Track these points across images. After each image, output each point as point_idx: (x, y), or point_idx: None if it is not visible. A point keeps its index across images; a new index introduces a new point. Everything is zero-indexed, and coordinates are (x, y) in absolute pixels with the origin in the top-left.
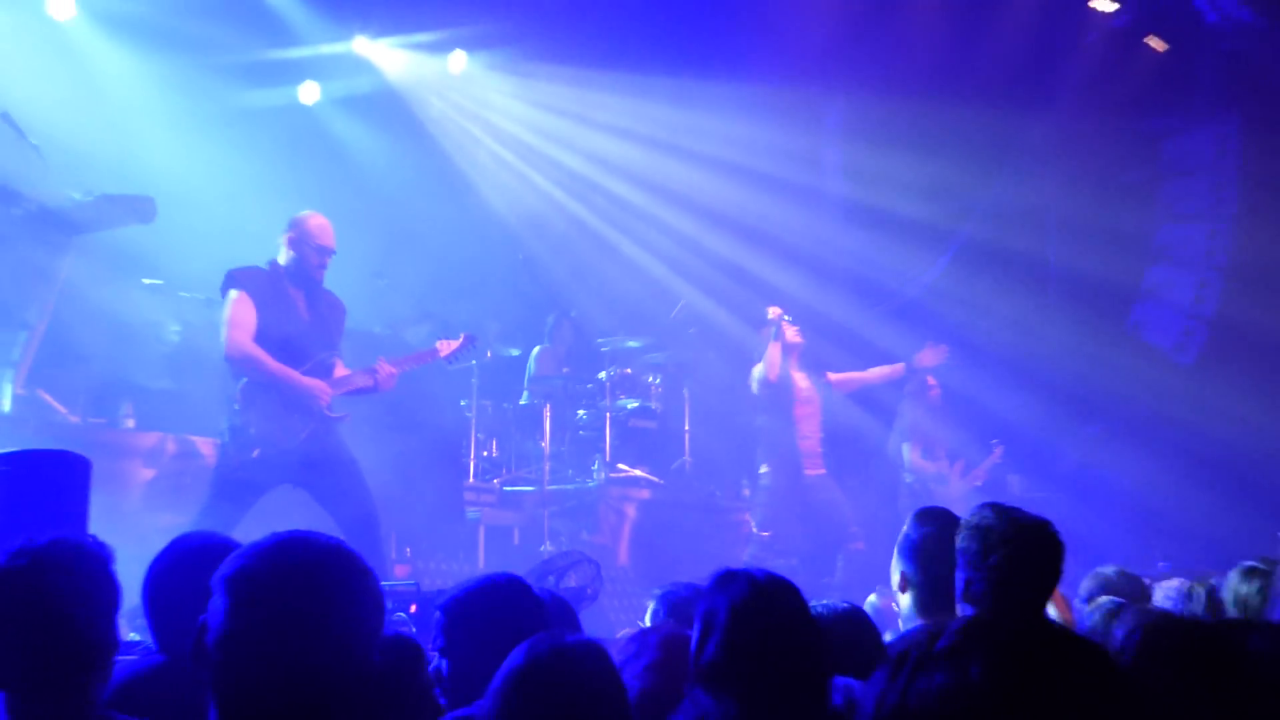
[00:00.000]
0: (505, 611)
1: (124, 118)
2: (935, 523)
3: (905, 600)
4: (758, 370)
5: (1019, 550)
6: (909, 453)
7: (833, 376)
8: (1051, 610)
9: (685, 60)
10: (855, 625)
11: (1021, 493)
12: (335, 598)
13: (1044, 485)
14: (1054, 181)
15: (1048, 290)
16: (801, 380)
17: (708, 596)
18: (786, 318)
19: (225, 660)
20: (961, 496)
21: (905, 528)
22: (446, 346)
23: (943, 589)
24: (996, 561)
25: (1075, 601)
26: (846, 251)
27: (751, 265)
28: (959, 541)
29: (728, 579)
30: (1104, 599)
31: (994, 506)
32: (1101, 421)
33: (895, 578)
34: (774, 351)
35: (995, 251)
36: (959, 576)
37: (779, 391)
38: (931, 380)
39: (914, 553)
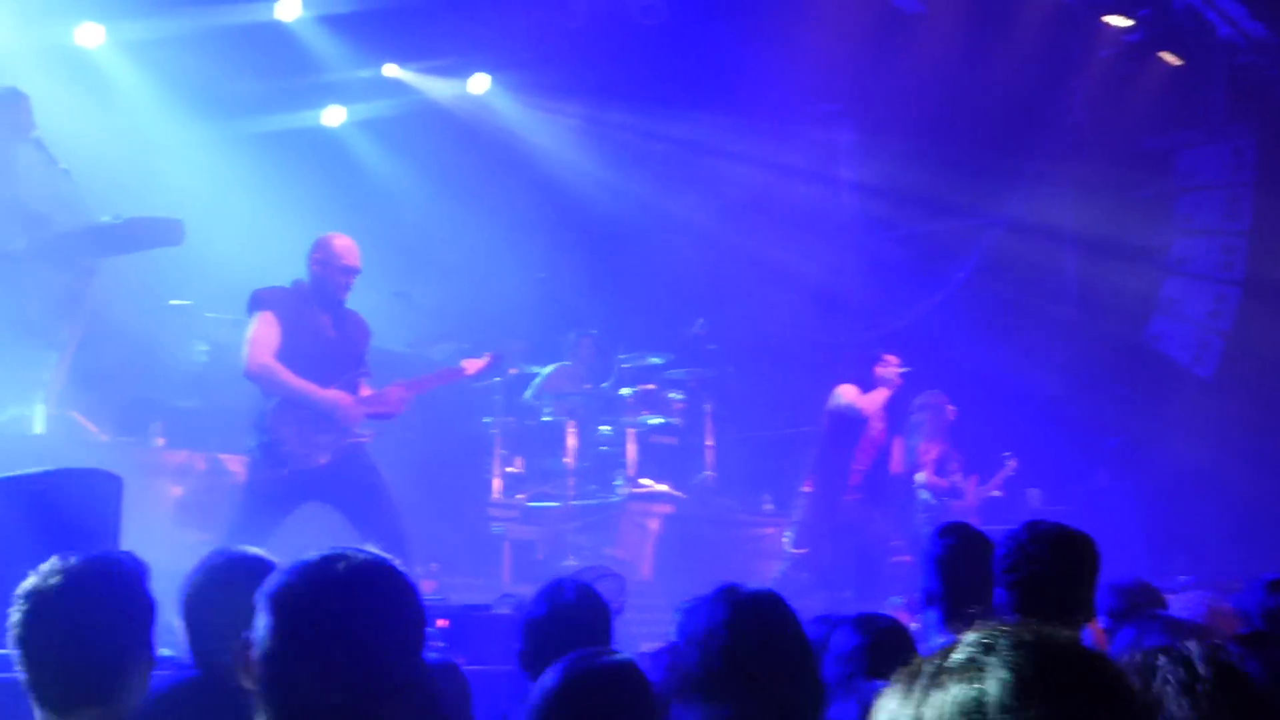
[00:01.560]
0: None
1: (151, 142)
2: (955, 535)
3: (930, 616)
4: (850, 399)
5: (1051, 564)
6: (922, 470)
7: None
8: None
9: (698, 82)
10: (897, 638)
11: (1041, 506)
12: (379, 613)
13: (1063, 498)
14: (1069, 196)
15: (1065, 304)
16: (878, 422)
17: (696, 610)
18: (901, 369)
19: (271, 676)
20: (978, 510)
21: (926, 543)
22: (472, 364)
23: (968, 601)
24: (1027, 575)
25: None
26: (861, 269)
27: (765, 282)
28: (995, 556)
29: (719, 594)
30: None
31: (1030, 522)
32: (1120, 434)
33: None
34: (880, 397)
35: (1011, 266)
36: (997, 592)
37: (856, 425)
38: (945, 399)
39: (937, 566)
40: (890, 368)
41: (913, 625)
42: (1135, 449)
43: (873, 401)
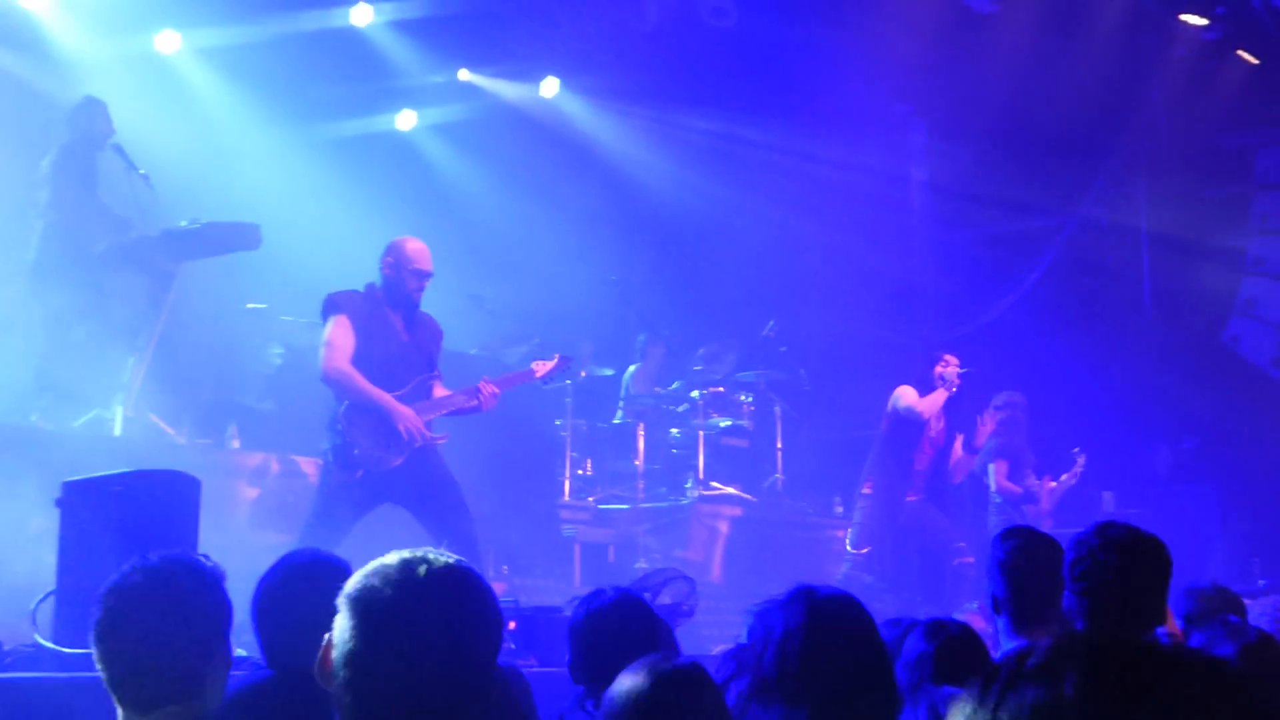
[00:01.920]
0: (629, 629)
1: (228, 147)
2: (1018, 539)
3: (999, 622)
4: (909, 401)
5: (1121, 568)
6: (994, 474)
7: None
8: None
9: (769, 84)
10: (967, 644)
11: (1115, 508)
12: (458, 614)
13: (1137, 501)
14: (1145, 196)
15: (1140, 305)
16: (937, 422)
17: (769, 612)
18: (960, 370)
19: (350, 677)
20: (1051, 514)
21: (990, 549)
22: (542, 367)
23: (1035, 605)
24: (1098, 580)
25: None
26: (934, 269)
27: (837, 284)
28: (1064, 559)
29: (794, 595)
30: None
31: (1101, 523)
32: (1197, 436)
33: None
34: (939, 398)
35: (1087, 267)
36: (1066, 596)
37: (916, 427)
38: (1022, 402)
39: (1002, 572)
40: (950, 368)
41: (988, 630)
42: (1213, 451)
43: (932, 403)
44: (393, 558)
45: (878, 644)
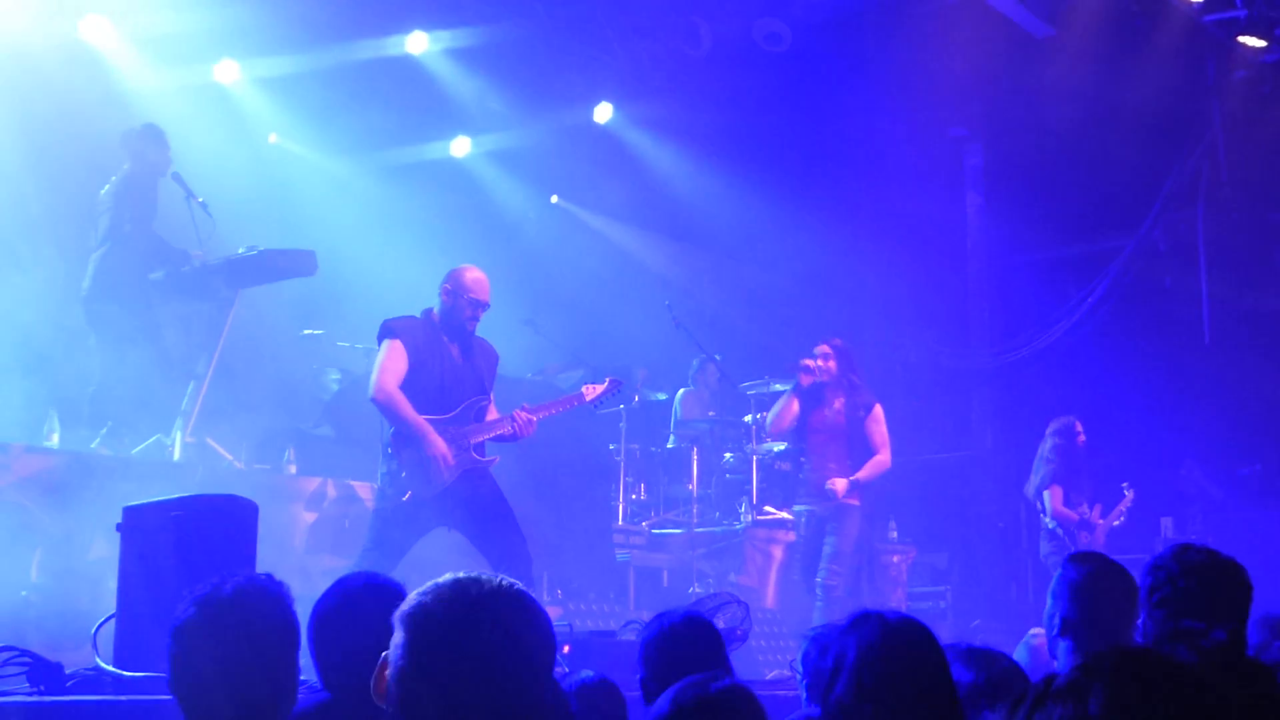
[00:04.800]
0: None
1: (285, 175)
2: (1094, 562)
3: (1061, 645)
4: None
5: (1199, 591)
6: (1050, 499)
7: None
8: None
9: (824, 107)
10: (1008, 676)
11: (1173, 534)
12: (509, 633)
13: (1197, 528)
14: (1204, 219)
15: (1200, 329)
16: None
17: (840, 637)
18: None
19: (404, 695)
20: (1104, 543)
21: (1060, 570)
22: (592, 391)
23: (1104, 631)
24: (1175, 603)
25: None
26: (991, 293)
27: (892, 307)
28: (1140, 583)
29: (861, 620)
30: None
31: (1178, 546)
32: (1258, 461)
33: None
34: (784, 401)
35: (1145, 291)
36: (1142, 619)
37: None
38: (1079, 427)
39: (1074, 594)
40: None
41: (1049, 654)
42: (1274, 476)
43: (777, 410)
44: (446, 578)
45: (944, 667)
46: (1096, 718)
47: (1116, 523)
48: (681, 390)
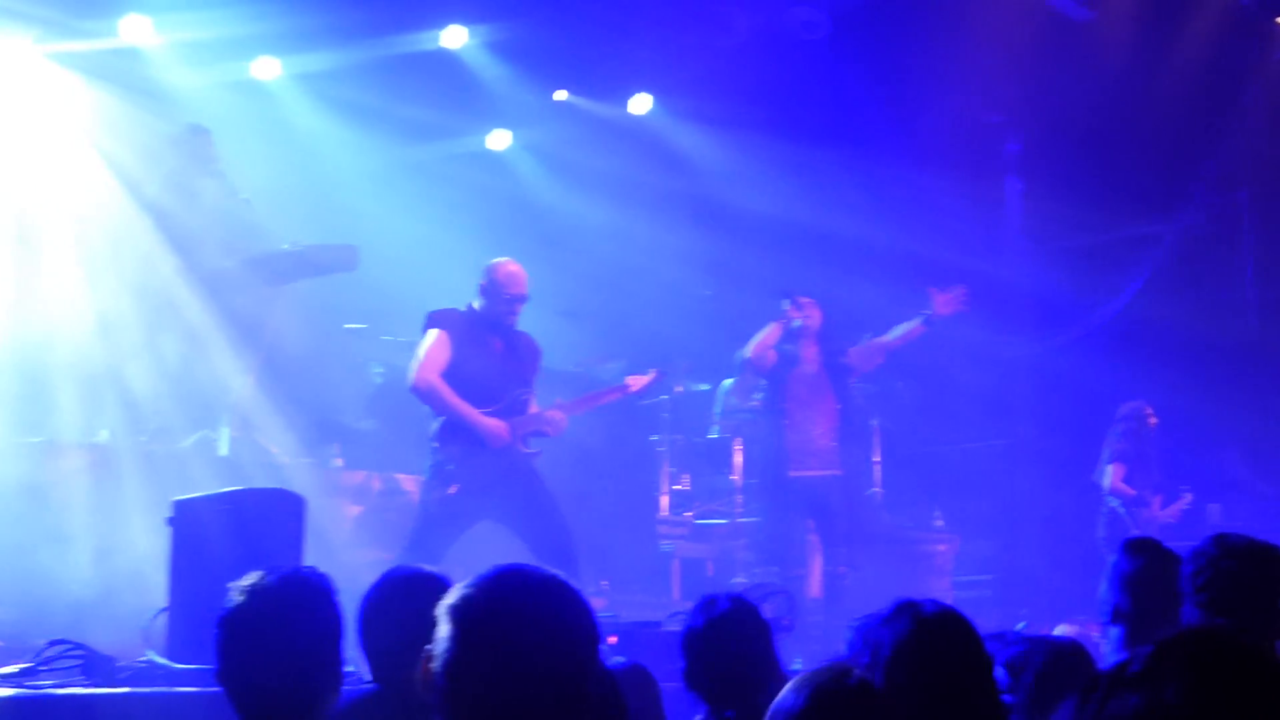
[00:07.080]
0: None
1: (326, 170)
2: (1149, 554)
3: (1112, 633)
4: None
5: (1243, 577)
6: (1111, 475)
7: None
8: None
9: (861, 95)
10: (1074, 659)
11: (1221, 522)
12: (552, 623)
13: (1243, 519)
14: (1249, 204)
15: (1243, 316)
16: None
17: (876, 628)
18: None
19: (450, 686)
20: (1159, 530)
21: (1114, 558)
22: (636, 382)
23: (1155, 621)
24: (1218, 590)
25: None
26: (1030, 281)
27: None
28: (1182, 571)
29: (898, 612)
30: None
31: (1217, 535)
32: None
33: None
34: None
35: (1188, 277)
36: (1186, 608)
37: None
38: (1149, 410)
39: (1127, 583)
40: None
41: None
42: None
43: (760, 338)
44: (491, 570)
45: (985, 659)
46: (1174, 706)
47: (1172, 520)
48: (726, 381)
